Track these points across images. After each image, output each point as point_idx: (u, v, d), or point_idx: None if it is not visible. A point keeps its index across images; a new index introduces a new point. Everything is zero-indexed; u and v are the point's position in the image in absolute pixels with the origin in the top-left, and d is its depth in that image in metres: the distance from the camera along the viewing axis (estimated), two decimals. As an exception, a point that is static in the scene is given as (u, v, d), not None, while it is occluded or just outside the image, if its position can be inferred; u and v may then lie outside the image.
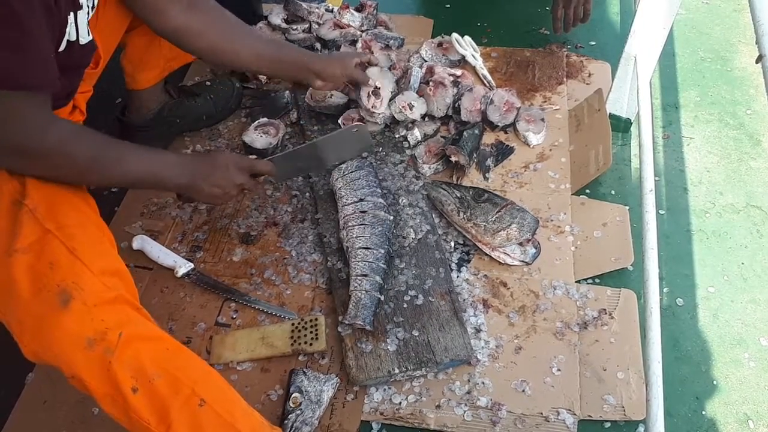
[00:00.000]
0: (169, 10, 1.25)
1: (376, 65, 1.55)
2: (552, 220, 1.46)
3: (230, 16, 1.34)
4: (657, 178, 1.56)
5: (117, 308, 0.94)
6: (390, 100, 1.59)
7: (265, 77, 1.79)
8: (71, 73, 1.09)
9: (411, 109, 1.59)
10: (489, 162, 1.57)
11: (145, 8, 1.24)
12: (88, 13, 1.03)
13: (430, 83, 1.65)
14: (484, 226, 1.37)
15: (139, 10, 1.26)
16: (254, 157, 1.34)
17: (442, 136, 1.65)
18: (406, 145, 1.61)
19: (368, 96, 1.56)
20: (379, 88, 1.57)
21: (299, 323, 1.28)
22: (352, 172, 1.45)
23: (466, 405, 1.18)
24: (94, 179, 1.10)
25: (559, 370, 1.22)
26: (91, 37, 1.05)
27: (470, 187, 1.48)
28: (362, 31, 1.84)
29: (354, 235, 1.33)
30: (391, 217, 1.38)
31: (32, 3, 0.85)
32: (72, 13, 0.98)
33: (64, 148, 1.00)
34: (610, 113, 1.63)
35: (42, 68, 0.93)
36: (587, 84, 1.78)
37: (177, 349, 0.98)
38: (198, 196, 1.23)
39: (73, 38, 1.01)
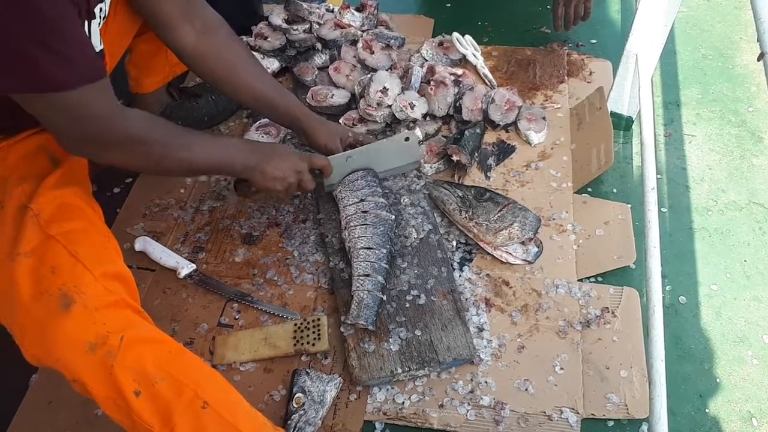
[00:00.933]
0: (180, 29, 1.23)
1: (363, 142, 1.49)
2: (554, 219, 1.46)
3: (241, 50, 1.32)
4: (659, 176, 1.56)
5: (118, 312, 0.94)
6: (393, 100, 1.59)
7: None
8: None
9: (412, 108, 1.59)
10: (490, 161, 1.57)
11: (157, 22, 1.23)
12: (99, 23, 1.03)
13: (431, 82, 1.65)
14: (486, 225, 1.37)
15: (153, 24, 1.25)
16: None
17: (443, 136, 1.65)
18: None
19: (377, 92, 1.58)
20: (387, 89, 1.59)
21: (302, 323, 1.28)
22: (350, 173, 1.45)
23: (469, 404, 1.18)
24: (170, 164, 1.10)
25: (561, 368, 1.22)
26: (102, 47, 1.05)
27: (472, 186, 1.48)
28: (363, 31, 1.84)
29: (356, 235, 1.33)
30: (393, 217, 1.38)
31: (65, 8, 0.86)
32: (87, 22, 0.98)
33: (141, 134, 1.02)
34: (611, 111, 1.62)
35: (90, 60, 0.93)
36: (588, 82, 1.78)
37: (179, 352, 0.99)
38: (260, 178, 1.23)
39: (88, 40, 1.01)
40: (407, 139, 1.46)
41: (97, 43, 1.02)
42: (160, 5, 1.20)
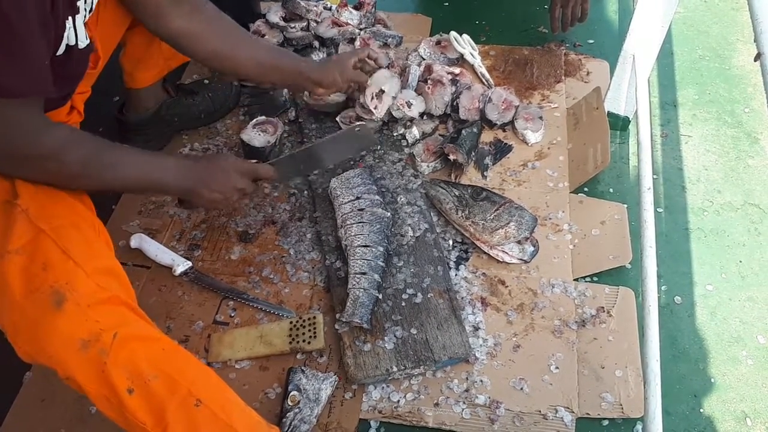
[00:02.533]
0: (169, 15, 1.23)
1: (377, 60, 1.52)
2: (550, 219, 1.46)
3: (231, 23, 1.33)
4: (655, 177, 1.56)
5: (111, 309, 0.93)
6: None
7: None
8: (70, 76, 1.08)
9: (409, 107, 1.59)
10: (487, 160, 1.57)
11: (146, 12, 1.23)
12: (84, 16, 1.02)
13: (429, 81, 1.65)
14: (483, 224, 1.37)
15: (139, 14, 1.24)
16: (254, 161, 1.34)
17: (440, 135, 1.65)
18: (405, 144, 1.61)
19: (372, 97, 1.56)
20: (384, 92, 1.57)
21: (297, 321, 1.28)
22: (346, 171, 1.45)
23: (464, 403, 1.18)
24: (86, 184, 1.07)
25: (557, 368, 1.22)
26: (89, 41, 1.04)
27: (468, 185, 1.48)
28: (360, 29, 1.84)
29: (352, 233, 1.33)
30: (389, 214, 1.38)
31: (25, 9, 0.84)
32: (70, 17, 0.97)
33: (57, 154, 0.99)
34: (608, 111, 1.63)
35: (34, 74, 0.91)
36: (586, 82, 1.78)
37: (173, 349, 0.98)
38: (199, 201, 1.22)
39: (72, 42, 1.00)
40: (358, 129, 1.38)
41: (83, 37, 1.01)
42: None
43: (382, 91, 1.57)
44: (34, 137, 0.95)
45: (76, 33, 0.99)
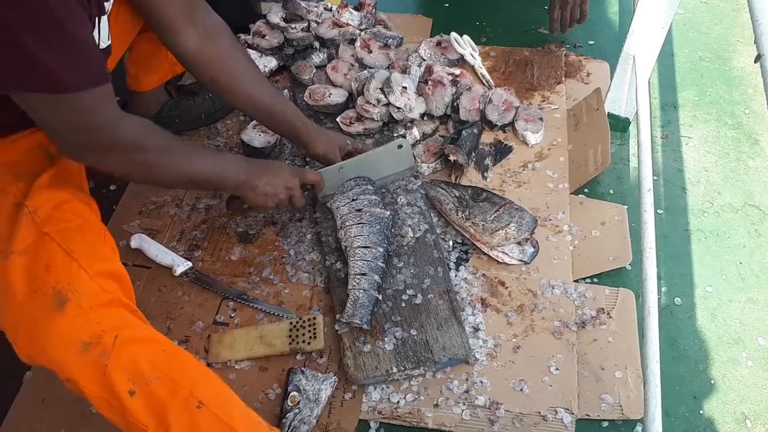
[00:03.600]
0: (183, 34, 1.22)
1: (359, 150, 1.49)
2: (550, 220, 1.46)
3: (242, 58, 1.30)
4: (655, 178, 1.56)
5: (113, 311, 0.93)
6: (387, 89, 1.58)
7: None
8: None
9: (410, 111, 1.59)
10: (487, 161, 1.57)
11: (161, 26, 1.22)
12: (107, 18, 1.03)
13: (429, 82, 1.65)
14: (483, 225, 1.37)
15: (154, 26, 1.23)
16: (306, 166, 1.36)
17: (440, 136, 1.65)
18: (405, 144, 1.61)
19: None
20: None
21: (297, 322, 1.28)
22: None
23: (464, 404, 1.18)
24: (163, 174, 1.08)
25: (557, 369, 1.22)
26: (110, 42, 1.04)
27: (469, 186, 1.48)
28: (361, 30, 1.84)
29: (352, 234, 1.33)
30: (388, 213, 1.37)
31: (73, 8, 0.85)
32: (97, 18, 0.97)
33: (137, 141, 1.01)
34: (608, 112, 1.63)
35: (96, 63, 0.92)
36: (586, 83, 1.78)
37: (174, 351, 0.98)
38: (252, 194, 1.23)
39: (96, 43, 1.00)
40: (400, 146, 1.44)
41: (105, 38, 1.02)
42: (163, 8, 1.18)
43: (405, 88, 1.59)
44: (114, 126, 0.97)
45: (100, 34, 1.00)
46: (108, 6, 1.02)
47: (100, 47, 1.02)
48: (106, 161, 1.01)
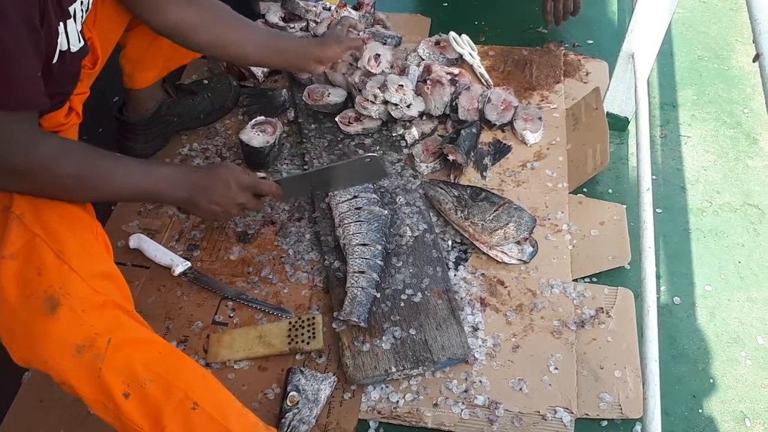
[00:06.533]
0: (167, 7, 1.23)
1: (355, 27, 1.54)
2: (549, 219, 1.46)
3: (229, 10, 1.33)
4: (654, 177, 1.56)
5: (107, 313, 0.92)
6: (383, 88, 1.59)
7: (262, 75, 1.79)
8: (65, 80, 1.08)
9: (409, 107, 1.59)
10: (486, 161, 1.57)
11: (144, 7, 1.22)
12: (81, 18, 1.02)
13: (428, 82, 1.65)
14: (482, 224, 1.37)
15: (138, 10, 1.24)
16: (261, 174, 1.32)
17: (439, 135, 1.65)
18: (404, 144, 1.61)
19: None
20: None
21: (296, 322, 1.28)
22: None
23: (463, 403, 1.18)
24: (81, 196, 1.05)
25: (556, 368, 1.22)
26: (82, 43, 1.03)
27: (468, 185, 1.48)
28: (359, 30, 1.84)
29: (350, 232, 1.33)
30: (386, 212, 1.37)
31: (13, 25, 0.83)
32: (62, 23, 0.96)
33: (49, 167, 0.97)
34: (607, 112, 1.63)
35: (24, 88, 0.90)
36: (585, 83, 1.78)
37: (169, 352, 0.98)
38: (196, 211, 1.19)
39: (65, 47, 0.99)
40: (369, 159, 1.31)
41: (76, 42, 1.01)
42: None
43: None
44: (25, 151, 0.93)
45: (68, 38, 0.99)
46: (81, 6, 1.01)
47: (71, 50, 1.01)
48: (18, 184, 0.97)
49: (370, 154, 1.41)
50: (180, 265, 1.38)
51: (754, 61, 0.89)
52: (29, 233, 0.93)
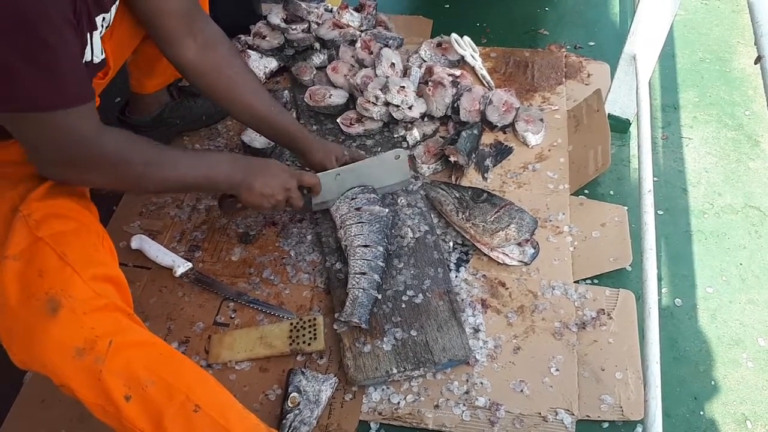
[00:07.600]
0: (182, 45, 1.22)
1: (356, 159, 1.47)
2: (550, 221, 1.46)
3: (241, 67, 1.30)
4: (656, 179, 1.56)
5: (108, 316, 0.92)
6: (385, 89, 1.59)
7: (263, 76, 1.79)
8: None
9: (410, 108, 1.59)
10: (488, 162, 1.57)
11: (160, 37, 1.21)
12: (101, 32, 1.03)
13: (429, 83, 1.65)
14: (483, 226, 1.37)
15: (153, 37, 1.23)
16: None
17: (441, 136, 1.65)
18: (405, 145, 1.61)
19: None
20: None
21: (298, 323, 1.28)
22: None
23: (464, 405, 1.18)
24: (150, 184, 1.08)
25: (557, 370, 1.22)
26: (103, 56, 1.04)
27: (469, 187, 1.48)
28: (361, 31, 1.84)
29: (352, 234, 1.33)
30: (387, 211, 1.37)
31: (58, 26, 0.85)
32: (89, 34, 0.97)
33: (122, 155, 1.00)
34: (609, 114, 1.63)
35: (79, 83, 0.92)
36: (586, 84, 1.78)
37: (170, 355, 0.98)
38: (248, 195, 1.20)
39: (89, 58, 1.00)
40: (397, 156, 1.41)
41: (98, 53, 1.01)
42: (162, 20, 1.18)
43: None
44: (97, 142, 0.96)
45: (92, 49, 0.99)
46: (102, 22, 1.02)
47: (93, 62, 1.02)
48: (91, 176, 1.01)
49: (397, 150, 1.44)
50: (181, 266, 1.38)
51: (755, 63, 0.89)
52: (33, 235, 0.94)
